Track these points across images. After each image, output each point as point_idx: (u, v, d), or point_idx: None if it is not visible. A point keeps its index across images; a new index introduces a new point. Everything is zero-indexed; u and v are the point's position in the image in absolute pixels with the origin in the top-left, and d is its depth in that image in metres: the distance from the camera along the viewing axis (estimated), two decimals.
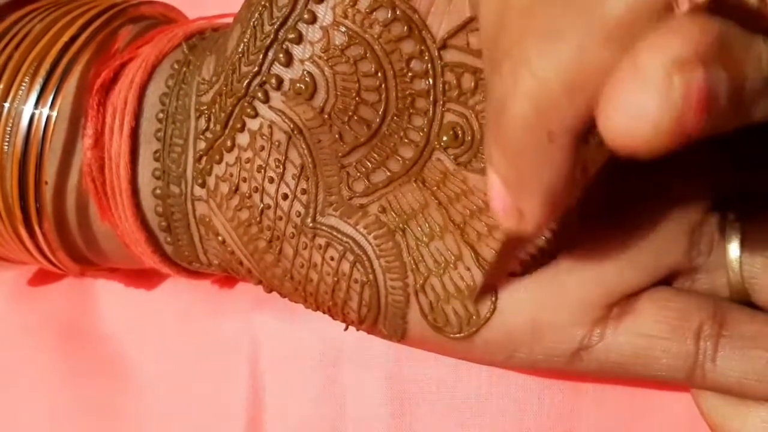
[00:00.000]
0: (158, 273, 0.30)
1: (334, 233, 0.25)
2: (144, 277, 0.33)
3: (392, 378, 0.30)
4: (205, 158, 0.26)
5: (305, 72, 0.25)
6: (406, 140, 0.25)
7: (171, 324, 0.32)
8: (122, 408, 0.32)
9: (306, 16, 0.24)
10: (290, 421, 0.31)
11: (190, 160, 0.26)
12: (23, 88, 0.27)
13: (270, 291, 0.27)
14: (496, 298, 0.24)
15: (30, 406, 0.32)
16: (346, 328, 0.27)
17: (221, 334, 0.32)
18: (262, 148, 0.25)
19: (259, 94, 0.25)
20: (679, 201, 0.24)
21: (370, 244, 0.25)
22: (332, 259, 0.25)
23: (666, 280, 0.24)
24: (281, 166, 0.25)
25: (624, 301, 0.24)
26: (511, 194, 0.19)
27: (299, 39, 0.25)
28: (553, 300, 0.24)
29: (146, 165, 0.27)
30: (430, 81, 0.25)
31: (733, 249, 0.23)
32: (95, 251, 0.29)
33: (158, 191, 0.27)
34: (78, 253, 0.29)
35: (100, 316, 0.33)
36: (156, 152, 0.27)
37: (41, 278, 0.34)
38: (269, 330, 0.31)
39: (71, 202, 0.28)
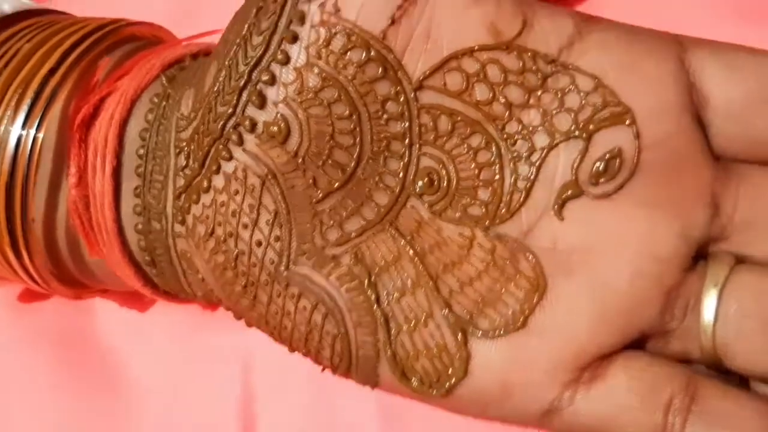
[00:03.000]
0: None
1: (307, 283, 0.25)
2: (137, 296, 0.33)
3: None
4: (184, 196, 0.26)
5: (279, 115, 0.24)
6: (381, 185, 0.25)
7: (165, 336, 0.33)
8: (117, 420, 0.33)
9: (279, 56, 0.24)
10: (282, 431, 0.31)
11: (170, 196, 0.26)
12: (8, 114, 0.27)
13: (251, 326, 0.27)
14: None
15: (26, 417, 0.33)
16: (323, 370, 0.27)
17: (214, 345, 0.32)
18: (237, 192, 0.25)
19: (234, 137, 0.24)
20: (659, 260, 0.23)
21: (342, 296, 0.24)
22: (305, 309, 0.25)
23: (638, 342, 0.24)
24: (255, 212, 0.25)
25: (596, 364, 0.23)
26: None
27: (273, 80, 0.24)
28: (523, 361, 0.23)
29: (127, 201, 0.27)
30: (406, 123, 0.24)
31: (708, 314, 0.23)
32: (88, 277, 0.30)
33: (140, 227, 0.27)
34: (71, 279, 0.30)
35: (97, 328, 0.34)
36: (136, 188, 0.27)
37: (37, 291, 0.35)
38: (261, 341, 0.31)
39: (61, 235, 0.28)
